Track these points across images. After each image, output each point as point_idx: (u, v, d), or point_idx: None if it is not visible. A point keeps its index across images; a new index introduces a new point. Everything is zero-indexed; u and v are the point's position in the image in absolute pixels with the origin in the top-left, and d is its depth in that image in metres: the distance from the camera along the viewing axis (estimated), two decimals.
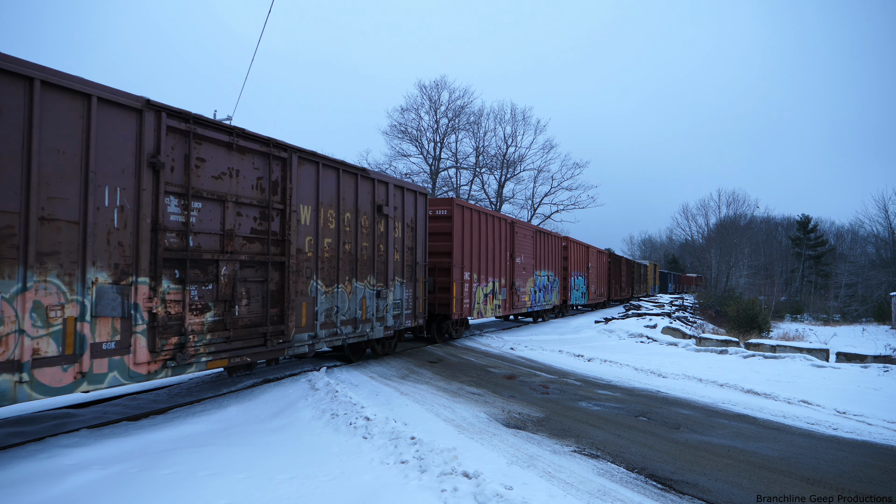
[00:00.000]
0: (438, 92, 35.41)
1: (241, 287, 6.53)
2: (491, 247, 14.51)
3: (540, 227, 19.32)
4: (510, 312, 16.10)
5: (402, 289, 10.21)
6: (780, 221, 70.38)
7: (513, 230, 16.05)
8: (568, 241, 22.62)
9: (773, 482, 4.63)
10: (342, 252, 8.41)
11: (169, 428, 5.65)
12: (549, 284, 19.81)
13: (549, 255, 19.68)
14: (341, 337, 8.39)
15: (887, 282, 42.44)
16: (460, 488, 4.01)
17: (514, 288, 16.06)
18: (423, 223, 11.10)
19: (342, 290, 8.42)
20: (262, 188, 6.89)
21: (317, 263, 7.83)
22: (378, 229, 9.40)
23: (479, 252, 13.73)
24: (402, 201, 10.24)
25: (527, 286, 17.28)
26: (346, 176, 8.64)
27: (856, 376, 9.73)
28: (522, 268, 16.79)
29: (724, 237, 55.21)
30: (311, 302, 7.72)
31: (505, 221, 15.58)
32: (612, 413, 6.91)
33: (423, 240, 11.07)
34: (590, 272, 25.88)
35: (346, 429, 5.57)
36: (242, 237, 6.55)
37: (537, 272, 18.37)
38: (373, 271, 9.21)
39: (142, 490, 3.99)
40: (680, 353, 12.82)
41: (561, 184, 38.63)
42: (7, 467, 4.35)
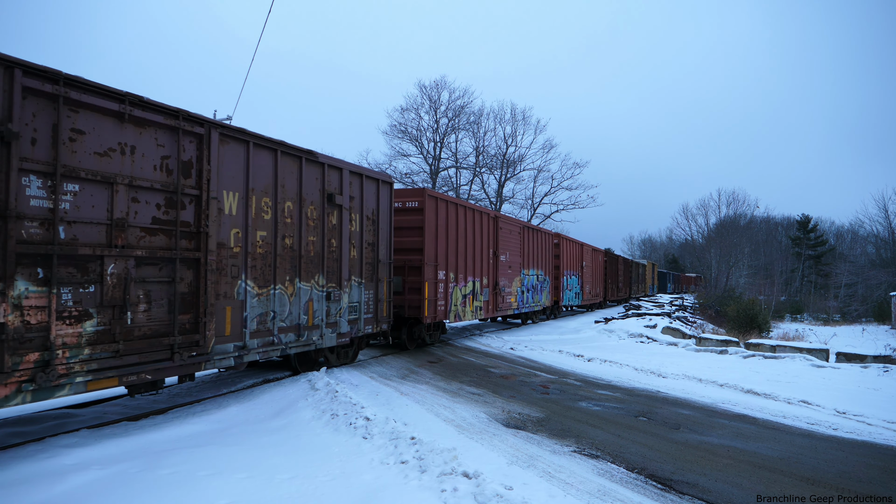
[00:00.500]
0: (438, 92, 35.44)
1: (138, 289, 5.34)
2: (471, 243, 13.37)
3: (528, 223, 17.98)
4: (494, 315, 15.03)
5: (360, 290, 9.00)
6: (780, 221, 70.39)
7: (496, 225, 14.95)
8: (560, 239, 21.48)
9: (773, 482, 4.63)
10: (281, 247, 7.27)
11: (169, 428, 5.65)
12: (539, 284, 18.65)
13: (538, 253, 18.50)
14: (280, 346, 7.21)
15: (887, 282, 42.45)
16: (460, 488, 4.01)
17: (499, 288, 14.97)
18: (387, 216, 9.85)
19: (281, 291, 7.25)
20: (168, 169, 5.69)
21: (246, 261, 6.68)
22: (329, 222, 8.20)
23: (456, 249, 12.57)
24: (360, 190, 8.97)
25: (513, 286, 16.16)
26: (287, 159, 7.44)
27: (856, 376, 9.73)
28: (508, 266, 15.66)
29: (724, 237, 55.19)
30: (238, 306, 6.55)
31: (487, 216, 14.46)
32: (612, 413, 6.91)
33: (387, 234, 9.85)
34: (584, 271, 24.70)
35: (346, 429, 5.57)
36: (140, 228, 5.39)
37: (525, 271, 17.19)
38: (322, 270, 8.01)
39: (142, 490, 3.99)
40: (680, 353, 12.82)
41: (561, 184, 38.65)
42: (7, 467, 4.35)
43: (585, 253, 25.10)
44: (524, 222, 17.31)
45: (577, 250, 23.70)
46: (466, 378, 8.91)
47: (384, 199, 9.80)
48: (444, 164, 36.34)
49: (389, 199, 9.98)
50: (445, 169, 36.46)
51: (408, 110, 35.61)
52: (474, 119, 36.46)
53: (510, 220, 16.11)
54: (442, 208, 11.97)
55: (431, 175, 35.27)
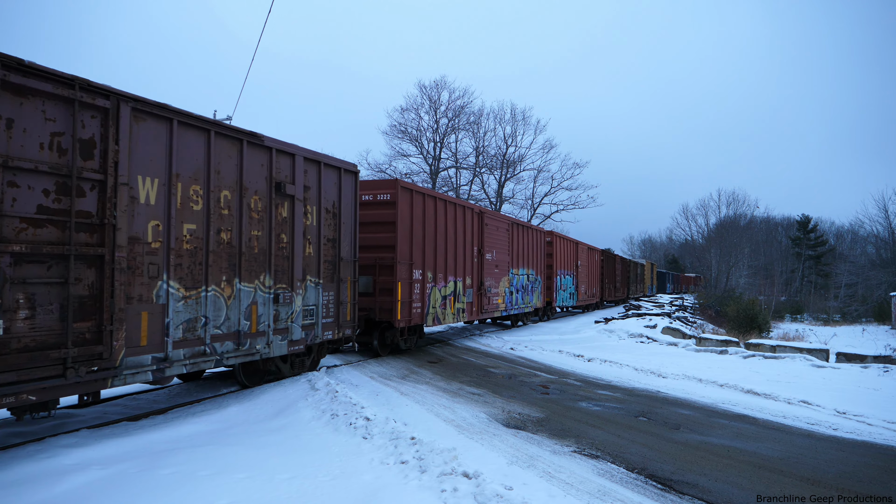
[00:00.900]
0: (438, 92, 35.43)
1: (16, 292, 4.43)
2: (452, 240, 12.31)
3: (517, 220, 17.02)
4: (479, 317, 14.02)
5: (317, 291, 8.05)
6: (780, 221, 70.42)
7: (481, 221, 13.97)
8: (553, 237, 20.52)
9: (773, 482, 4.63)
10: (215, 243, 6.32)
11: (169, 428, 5.65)
12: (530, 284, 17.72)
13: (529, 252, 17.57)
14: (213, 357, 6.25)
15: (887, 282, 42.46)
16: (460, 488, 4.02)
17: (484, 289, 13.99)
18: (351, 209, 8.80)
19: (215, 294, 6.30)
20: (61, 149, 4.79)
21: (168, 258, 5.69)
22: (278, 214, 7.30)
23: (435, 246, 11.53)
24: (318, 179, 8.01)
25: (500, 287, 15.18)
26: (224, 141, 6.47)
27: (856, 376, 9.74)
28: (494, 265, 14.69)
29: (724, 237, 55.23)
30: (157, 312, 5.57)
31: (471, 211, 13.49)
32: (613, 413, 6.91)
33: (351, 229, 8.82)
34: (579, 271, 23.82)
35: (346, 429, 5.57)
36: (20, 219, 4.50)
37: (514, 271, 16.28)
38: (269, 269, 7.08)
39: (142, 490, 3.99)
40: (680, 353, 12.83)
41: (561, 184, 38.64)
42: (7, 467, 4.35)
43: (581, 252, 24.28)
44: (513, 219, 16.51)
45: (571, 249, 22.93)
46: (466, 378, 8.91)
47: (348, 189, 8.75)
48: (444, 165, 36.36)
49: (354, 189, 8.90)
50: (445, 169, 36.48)
51: (408, 110, 35.62)
52: (474, 119, 36.49)
53: (497, 217, 15.33)
54: (418, 202, 10.98)
55: (431, 175, 35.28)
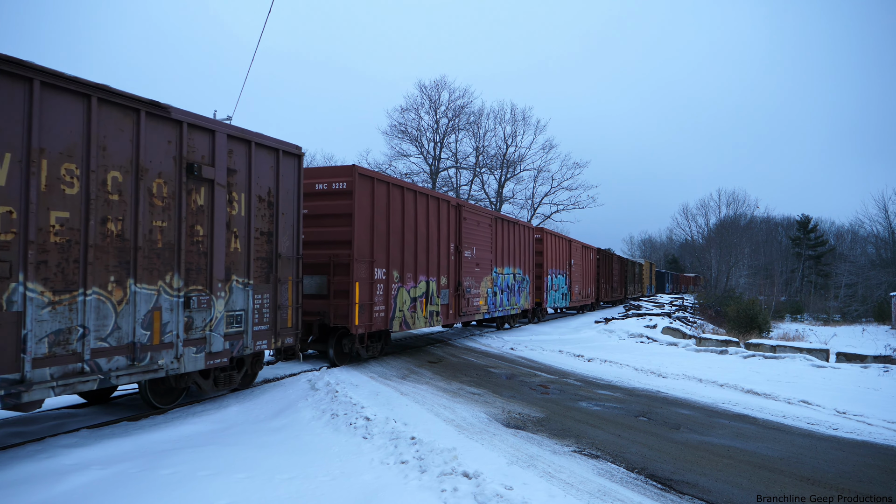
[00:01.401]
0: (438, 92, 35.45)
1: None
2: (424, 236, 11.07)
3: (501, 214, 15.83)
4: (456, 321, 12.76)
5: (246, 294, 6.78)
6: (780, 221, 70.40)
7: (459, 215, 12.69)
8: (543, 234, 19.32)
9: (773, 482, 4.63)
10: (99, 235, 5.16)
11: (169, 428, 5.65)
12: (517, 284, 16.61)
13: (515, 250, 16.41)
14: (96, 376, 5.05)
15: (887, 282, 42.47)
16: (460, 488, 4.02)
17: (462, 289, 12.71)
18: (292, 197, 7.62)
19: (98, 298, 5.11)
20: None
21: (25, 253, 4.55)
22: (192, 202, 6.13)
23: (402, 242, 10.33)
24: (247, 162, 6.82)
25: (481, 287, 13.95)
26: (111, 110, 5.29)
27: (856, 376, 9.74)
28: (475, 264, 13.46)
29: (724, 237, 55.21)
30: (10, 321, 4.44)
31: (447, 204, 12.19)
32: (613, 413, 6.91)
33: (292, 222, 7.64)
34: (572, 270, 22.63)
35: (347, 429, 5.57)
36: None
37: (498, 269, 15.10)
38: (177, 267, 5.90)
39: (142, 490, 3.99)
40: (680, 353, 12.83)
41: (561, 184, 38.67)
42: (7, 467, 4.35)
43: (574, 250, 23.20)
44: (496, 213, 15.32)
45: (563, 247, 21.71)
46: (466, 378, 8.91)
47: (288, 174, 7.57)
48: (444, 165, 36.37)
49: (296, 175, 7.71)
50: (445, 169, 36.50)
51: (408, 110, 35.65)
52: (474, 119, 36.52)
53: (478, 211, 14.12)
54: (381, 191, 9.74)
55: (431, 175, 35.29)
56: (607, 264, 30.66)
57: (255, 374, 7.62)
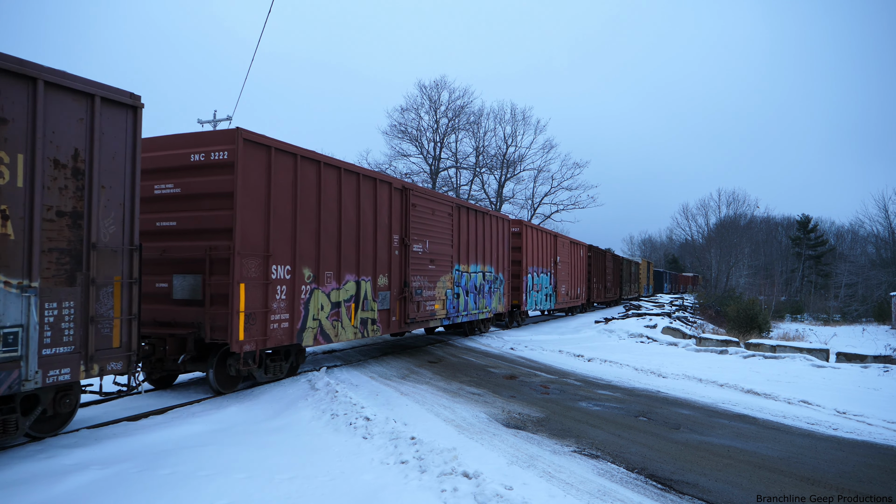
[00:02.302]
0: (438, 92, 35.45)
1: None
2: (352, 224, 8.85)
3: (467, 202, 13.69)
4: (402, 329, 10.52)
5: (23, 302, 4.65)
6: (780, 221, 70.47)
7: (405, 201, 10.45)
8: (522, 227, 17.24)
9: (773, 482, 4.63)
10: None
11: (169, 428, 5.65)
12: (487, 285, 14.42)
13: (486, 244, 14.27)
14: None
15: (887, 282, 42.50)
16: (460, 488, 4.02)
17: (410, 290, 10.49)
18: (123, 165, 5.53)
19: None
20: None
21: None
22: None
23: (317, 231, 8.10)
24: (29, 109, 4.75)
25: (438, 288, 11.65)
26: None
27: (856, 376, 9.74)
28: (428, 260, 11.24)
29: (724, 237, 55.24)
30: None
31: (387, 185, 9.87)
32: (613, 413, 6.91)
33: (122, 199, 5.52)
34: (559, 269, 20.48)
35: (346, 429, 5.57)
36: None
37: (462, 267, 12.78)
38: None
39: (142, 490, 3.99)
40: (680, 353, 12.83)
41: (561, 184, 38.70)
42: (7, 467, 4.35)
43: (561, 246, 21.10)
44: (458, 200, 13.11)
45: (548, 242, 19.53)
46: (466, 378, 8.92)
47: (115, 133, 5.48)
48: (444, 165, 36.37)
49: (130, 135, 5.63)
50: (445, 169, 36.51)
51: (408, 110, 35.65)
52: (474, 119, 36.52)
53: (432, 196, 11.74)
54: (283, 165, 7.45)
55: (431, 175, 35.30)
56: (600, 262, 28.76)
57: (68, 414, 5.50)
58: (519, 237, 17.08)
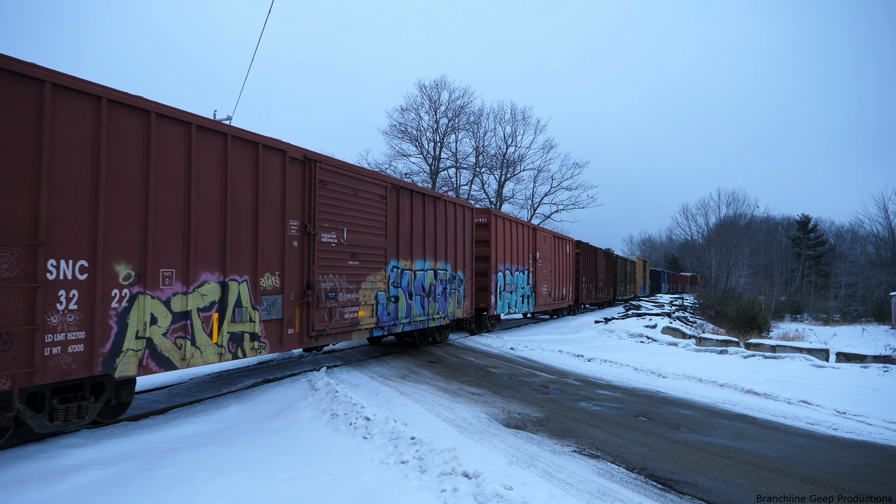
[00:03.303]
0: (438, 92, 35.44)
1: None
2: (212, 201, 6.40)
3: (409, 183, 11.21)
4: (304, 345, 7.92)
5: None
6: (780, 221, 70.51)
7: (309, 177, 7.89)
8: (490, 216, 14.71)
9: (773, 482, 4.63)
10: None
11: (169, 428, 5.65)
12: (442, 285, 11.84)
13: (439, 236, 11.69)
14: None
15: (887, 282, 42.50)
16: (460, 488, 4.02)
17: (318, 293, 8.01)
18: None
19: None
20: None
21: None
22: None
23: (145, 207, 5.64)
24: None
25: (364, 290, 9.09)
26: None
27: (856, 376, 9.73)
28: (348, 254, 8.72)
29: (724, 237, 55.22)
30: None
31: (272, 153, 7.30)
32: (613, 413, 6.91)
33: None
34: (539, 266, 18.18)
35: (347, 429, 5.57)
36: None
37: (402, 263, 10.32)
38: None
39: (142, 490, 3.99)
40: (680, 353, 12.83)
41: (561, 184, 38.68)
42: (7, 467, 4.35)
43: (542, 241, 18.67)
44: (393, 179, 10.29)
45: (524, 236, 17.16)
46: (466, 378, 8.91)
47: None
48: (444, 164, 36.36)
49: None
50: (445, 169, 36.50)
51: (408, 110, 35.64)
52: (474, 119, 36.50)
53: (354, 172, 8.94)
54: (70, 111, 5.07)
55: (431, 175, 35.29)
56: (590, 260, 26.35)
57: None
58: (486, 228, 14.65)
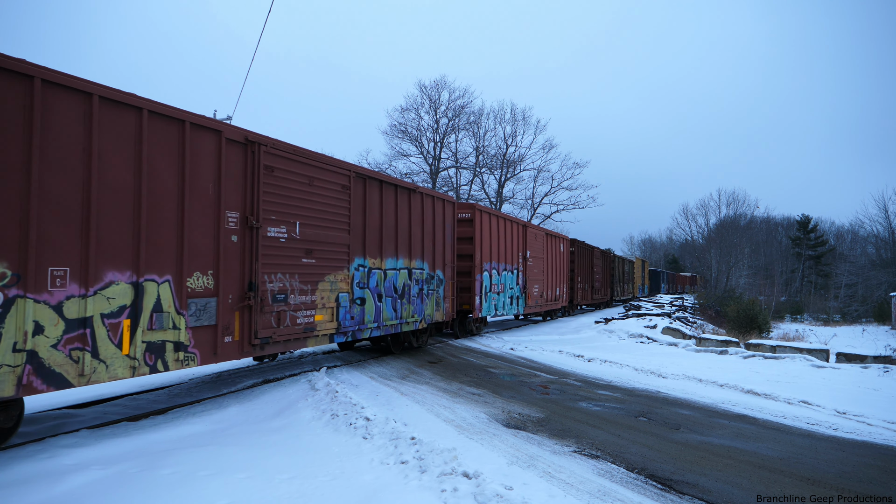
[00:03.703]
0: (438, 92, 35.46)
1: None
2: (122, 187, 5.36)
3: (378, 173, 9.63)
4: (246, 354, 6.80)
5: None
6: (780, 221, 70.55)
7: (252, 161, 6.89)
8: (475, 212, 13.62)
9: (773, 482, 4.63)
10: None
11: (169, 428, 5.65)
12: (417, 286, 10.77)
13: (414, 232, 10.63)
14: None
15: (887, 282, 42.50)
16: (460, 488, 4.02)
17: (262, 295, 6.94)
18: None
19: None
20: None
21: None
22: None
23: (22, 192, 4.61)
24: None
25: (320, 290, 8.04)
26: None
27: (856, 377, 9.73)
28: (302, 251, 7.68)
29: (724, 237, 55.24)
30: None
31: (204, 133, 6.24)
32: (613, 413, 6.91)
33: None
34: (530, 265, 17.34)
35: (347, 429, 5.57)
36: None
37: (370, 261, 9.24)
38: None
39: (142, 490, 3.99)
40: (680, 353, 12.82)
41: (561, 184, 38.71)
42: (7, 467, 4.35)
43: (533, 238, 17.63)
44: (362, 168, 9.09)
45: (514, 233, 16.17)
46: (466, 378, 8.91)
47: None
48: (444, 164, 36.37)
49: None
50: (445, 169, 36.51)
51: (408, 110, 35.66)
52: (474, 119, 36.53)
53: (309, 158, 7.77)
54: None
55: (431, 175, 35.30)
56: (586, 259, 25.45)
57: None
58: (470, 225, 13.59)
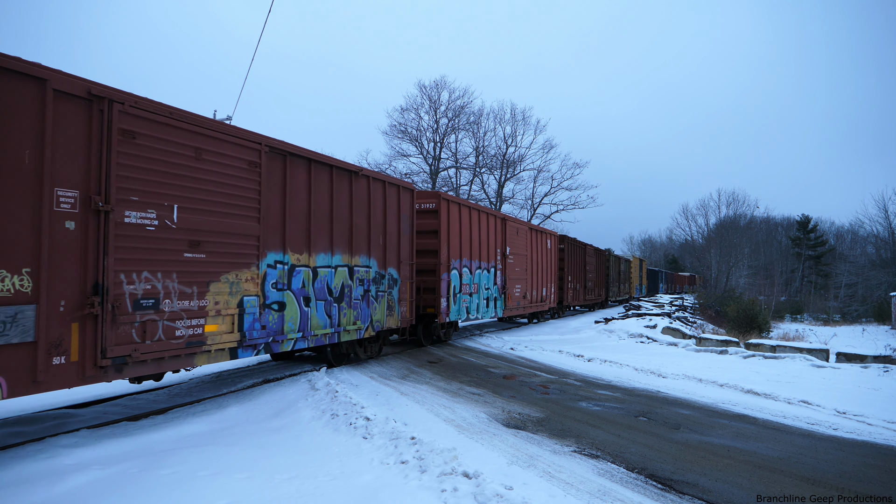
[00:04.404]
0: (438, 92, 35.43)
1: None
2: None
3: (306, 151, 7.75)
4: (89, 380, 4.92)
5: None
6: (780, 221, 70.54)
7: (99, 123, 5.02)
8: (440, 201, 11.89)
9: (773, 482, 4.63)
10: None
11: (169, 428, 5.65)
12: (363, 287, 9.13)
13: (358, 221, 8.97)
14: None
15: (887, 282, 42.50)
16: (460, 488, 4.01)
17: (116, 301, 5.09)
18: None
19: None
20: None
21: None
22: None
23: None
24: None
25: (214, 294, 6.19)
26: None
27: (856, 376, 9.73)
28: (186, 242, 5.88)
29: (724, 237, 55.25)
30: None
31: (12, 76, 4.31)
32: (613, 413, 6.91)
33: None
34: (510, 263, 15.57)
35: (346, 429, 5.57)
36: None
37: (293, 257, 7.53)
38: None
39: (142, 490, 3.99)
40: (680, 353, 12.82)
41: (561, 184, 38.68)
42: (7, 467, 4.35)
43: (513, 233, 15.76)
44: (278, 141, 7.22)
45: (491, 227, 14.47)
46: (466, 378, 8.91)
47: None
48: (444, 165, 36.36)
49: None
50: (445, 169, 36.49)
51: (408, 110, 35.63)
52: (474, 119, 36.51)
53: (191, 122, 5.95)
54: None
55: (431, 175, 35.29)
56: (578, 258, 23.52)
57: None
58: (436, 216, 11.83)
